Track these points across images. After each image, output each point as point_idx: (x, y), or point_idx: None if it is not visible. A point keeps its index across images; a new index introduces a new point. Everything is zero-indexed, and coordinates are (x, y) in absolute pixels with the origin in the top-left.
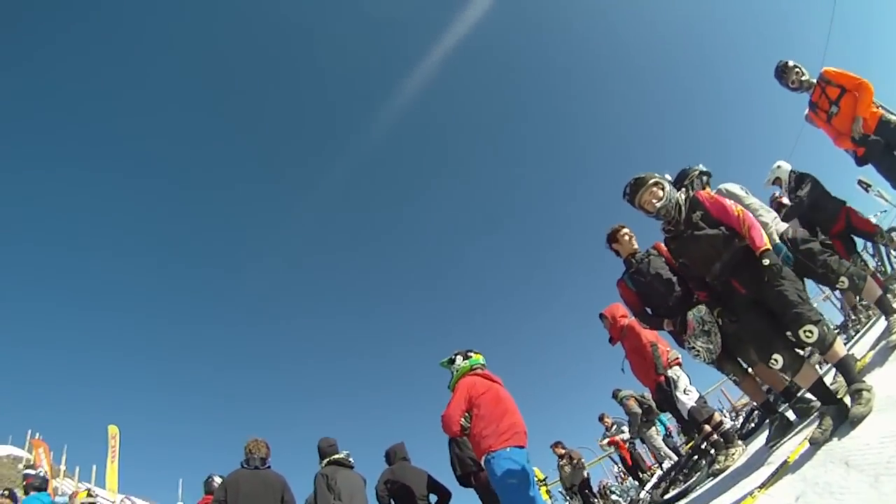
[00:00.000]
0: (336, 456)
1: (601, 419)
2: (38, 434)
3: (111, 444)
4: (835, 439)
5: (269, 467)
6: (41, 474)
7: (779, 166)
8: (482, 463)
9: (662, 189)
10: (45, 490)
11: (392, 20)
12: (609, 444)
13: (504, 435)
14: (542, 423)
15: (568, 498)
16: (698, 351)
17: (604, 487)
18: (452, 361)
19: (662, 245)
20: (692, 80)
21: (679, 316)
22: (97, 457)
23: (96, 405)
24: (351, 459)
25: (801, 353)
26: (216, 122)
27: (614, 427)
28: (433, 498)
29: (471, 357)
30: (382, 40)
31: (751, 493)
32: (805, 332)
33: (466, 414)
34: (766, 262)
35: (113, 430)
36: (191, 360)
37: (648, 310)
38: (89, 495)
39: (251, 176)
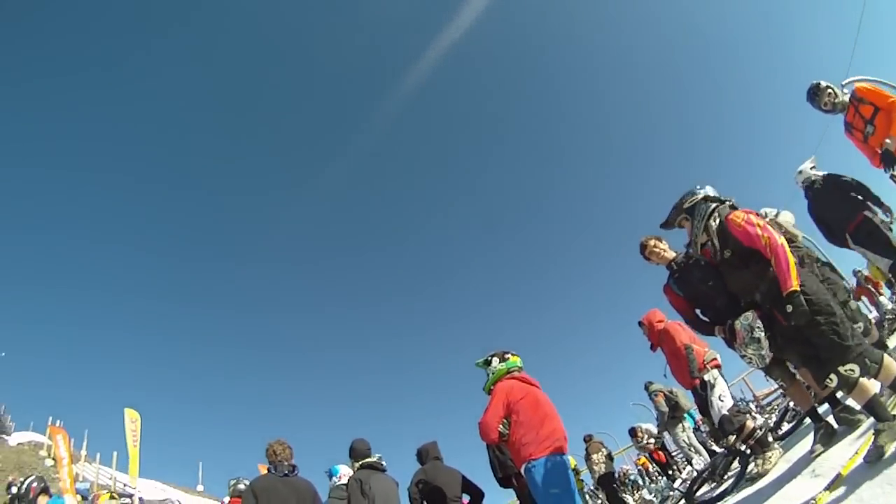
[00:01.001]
0: (369, 460)
1: (633, 434)
2: (58, 421)
3: (131, 429)
4: (890, 457)
5: (297, 474)
6: (40, 476)
7: (799, 172)
8: (522, 471)
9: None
10: (48, 491)
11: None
12: (646, 452)
13: (545, 442)
14: (567, 406)
15: (596, 490)
16: (750, 358)
17: (623, 475)
18: (488, 363)
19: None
20: (715, 82)
21: (728, 321)
22: (117, 442)
23: (116, 391)
24: (384, 463)
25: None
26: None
27: (645, 438)
28: (466, 498)
29: (508, 359)
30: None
31: None
32: (847, 370)
33: (504, 420)
34: (789, 308)
35: (133, 414)
36: (209, 346)
37: (699, 312)
38: (112, 497)
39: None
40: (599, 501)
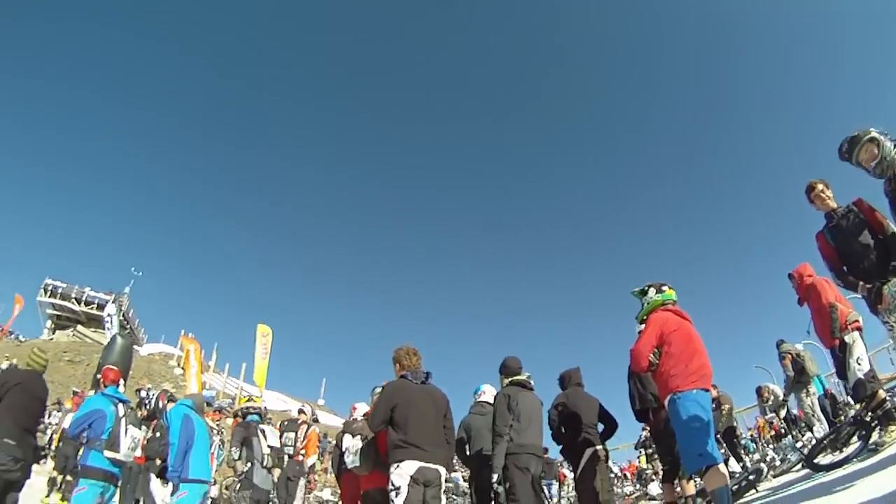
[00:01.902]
0: (519, 377)
1: (759, 393)
2: (190, 333)
3: (262, 343)
4: None
5: (430, 382)
6: (164, 389)
7: None
8: (666, 402)
9: (878, 146)
10: (175, 399)
11: None
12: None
13: (692, 376)
14: None
15: (719, 441)
16: (892, 325)
17: (737, 436)
18: (644, 293)
19: (864, 203)
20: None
21: (874, 283)
22: (246, 355)
23: (246, 306)
24: (532, 382)
25: None
26: None
27: (771, 400)
28: (600, 427)
29: (664, 291)
30: None
31: None
32: None
33: (656, 350)
34: None
35: (264, 329)
36: (340, 268)
37: (845, 268)
38: (250, 399)
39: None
40: (722, 451)
